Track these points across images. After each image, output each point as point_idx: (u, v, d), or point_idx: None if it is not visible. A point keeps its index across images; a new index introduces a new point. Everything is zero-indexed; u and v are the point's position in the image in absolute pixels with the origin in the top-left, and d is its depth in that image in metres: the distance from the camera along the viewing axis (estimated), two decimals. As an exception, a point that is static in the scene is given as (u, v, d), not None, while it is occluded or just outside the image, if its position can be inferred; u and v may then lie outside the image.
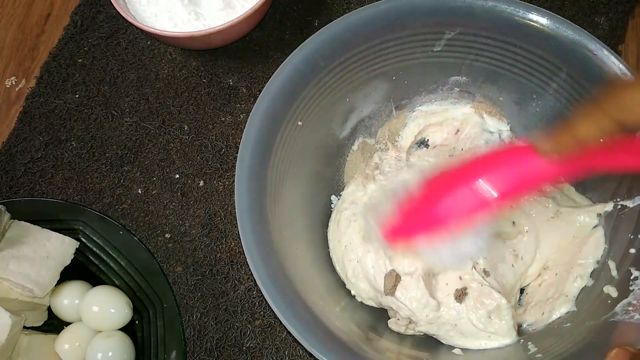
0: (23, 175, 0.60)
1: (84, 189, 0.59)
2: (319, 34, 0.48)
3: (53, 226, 0.54)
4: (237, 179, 0.44)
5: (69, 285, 0.53)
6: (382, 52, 0.50)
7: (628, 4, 0.64)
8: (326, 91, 0.50)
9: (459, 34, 0.49)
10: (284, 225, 0.46)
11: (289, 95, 0.47)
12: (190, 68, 0.64)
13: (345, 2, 0.66)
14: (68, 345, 0.51)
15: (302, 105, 0.48)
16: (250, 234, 0.43)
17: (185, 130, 0.61)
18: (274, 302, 0.40)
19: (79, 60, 0.65)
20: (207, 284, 0.55)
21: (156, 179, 0.60)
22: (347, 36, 0.48)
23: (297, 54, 0.48)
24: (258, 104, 0.46)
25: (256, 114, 0.46)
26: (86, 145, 0.61)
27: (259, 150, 0.45)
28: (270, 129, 0.46)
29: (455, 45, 0.50)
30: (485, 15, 0.48)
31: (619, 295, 0.43)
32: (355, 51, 0.49)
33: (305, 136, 0.50)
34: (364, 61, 0.50)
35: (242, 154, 0.45)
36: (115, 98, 0.63)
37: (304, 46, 0.48)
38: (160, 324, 0.52)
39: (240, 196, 0.44)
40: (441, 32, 0.50)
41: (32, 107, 0.63)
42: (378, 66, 0.51)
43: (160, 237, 0.57)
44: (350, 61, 0.50)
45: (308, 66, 0.48)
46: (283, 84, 0.47)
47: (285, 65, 0.47)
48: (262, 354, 0.53)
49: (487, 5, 0.48)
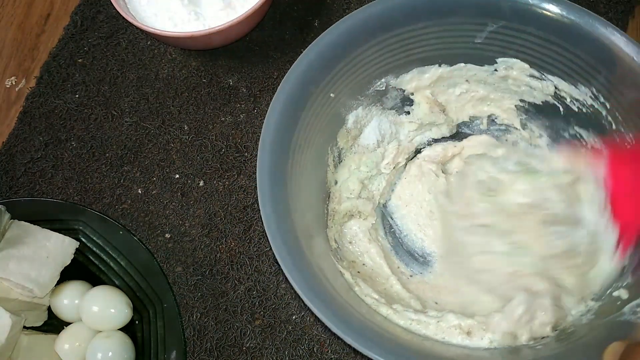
0: (23, 175, 0.60)
1: (84, 189, 0.59)
2: (362, 10, 0.48)
3: (53, 226, 0.54)
4: (261, 145, 0.45)
5: (69, 285, 0.53)
6: (423, 37, 0.50)
7: (628, 4, 0.64)
8: (363, 67, 0.50)
9: (501, 27, 0.49)
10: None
11: (325, 66, 0.48)
12: (190, 68, 0.64)
13: (345, 2, 0.66)
14: (68, 345, 0.51)
15: (337, 78, 0.49)
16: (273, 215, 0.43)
17: (185, 130, 0.61)
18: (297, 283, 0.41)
19: (79, 60, 0.65)
20: (207, 284, 0.55)
21: (156, 179, 0.60)
22: (390, 15, 0.49)
23: (341, 25, 0.48)
24: (293, 69, 0.47)
25: (289, 78, 0.47)
26: (86, 145, 0.61)
27: (287, 115, 0.46)
28: (301, 97, 0.47)
29: (497, 39, 0.50)
30: (528, 10, 0.48)
31: (629, 297, 0.43)
32: (396, 32, 0.49)
33: (336, 108, 0.51)
34: (404, 44, 0.50)
35: (269, 118, 0.45)
36: (115, 98, 0.63)
37: (348, 18, 0.48)
38: (160, 324, 0.52)
39: (262, 163, 0.44)
40: (484, 23, 0.49)
41: (32, 107, 0.63)
42: (417, 51, 0.51)
43: (160, 237, 0.57)
44: (390, 41, 0.50)
45: (347, 39, 0.48)
46: (321, 51, 0.48)
47: (323, 36, 0.48)
48: (262, 354, 0.53)
49: (530, 1, 0.48)
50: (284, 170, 0.45)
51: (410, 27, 0.49)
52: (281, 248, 0.42)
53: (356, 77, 0.51)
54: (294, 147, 0.47)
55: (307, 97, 0.48)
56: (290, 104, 0.47)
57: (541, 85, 0.52)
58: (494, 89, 0.55)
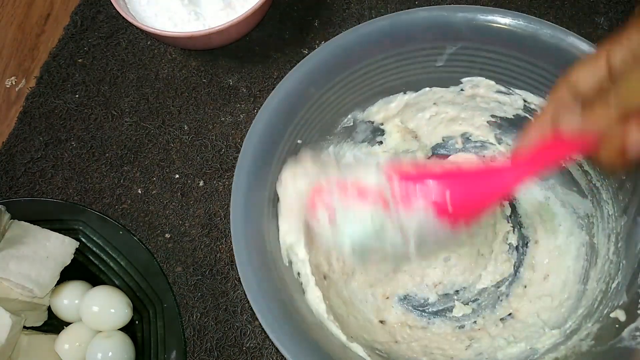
0: (23, 175, 0.60)
1: (84, 189, 0.59)
2: (316, 53, 0.48)
3: (53, 226, 0.54)
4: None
5: (69, 285, 0.53)
6: (383, 68, 0.50)
7: (628, 4, 0.64)
8: (327, 108, 0.49)
9: (461, 49, 0.49)
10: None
11: (287, 115, 0.47)
12: (190, 68, 0.64)
13: (345, 3, 0.66)
14: (68, 345, 0.51)
15: (302, 124, 0.48)
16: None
17: (185, 130, 0.61)
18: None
19: (79, 60, 0.65)
20: (207, 284, 0.55)
21: (156, 179, 0.60)
22: (346, 53, 0.48)
23: (296, 72, 0.47)
24: (254, 125, 0.46)
25: (253, 133, 0.46)
26: (86, 145, 0.61)
27: (256, 173, 0.45)
28: (269, 151, 0.46)
29: (459, 60, 0.50)
30: (486, 29, 0.47)
31: (627, 319, 0.42)
32: (355, 68, 0.49)
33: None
34: (365, 78, 0.50)
35: (239, 174, 0.45)
36: (115, 98, 0.63)
37: (303, 64, 0.47)
38: (160, 324, 0.52)
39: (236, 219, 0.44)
40: (442, 47, 0.49)
41: (32, 107, 0.63)
42: (380, 82, 0.51)
43: (160, 237, 0.57)
44: (350, 78, 0.49)
45: (307, 84, 0.47)
46: (280, 103, 0.47)
47: (282, 84, 0.47)
48: (262, 354, 0.53)
49: (486, 19, 0.47)
50: (260, 231, 0.45)
51: (368, 61, 0.49)
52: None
53: (322, 119, 0.50)
54: (269, 198, 0.46)
55: (273, 151, 0.46)
56: (260, 159, 0.45)
57: (510, 100, 0.51)
58: (463, 108, 0.54)
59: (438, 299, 0.54)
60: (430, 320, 0.53)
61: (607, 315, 0.44)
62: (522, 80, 0.49)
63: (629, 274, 0.44)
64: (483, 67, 0.50)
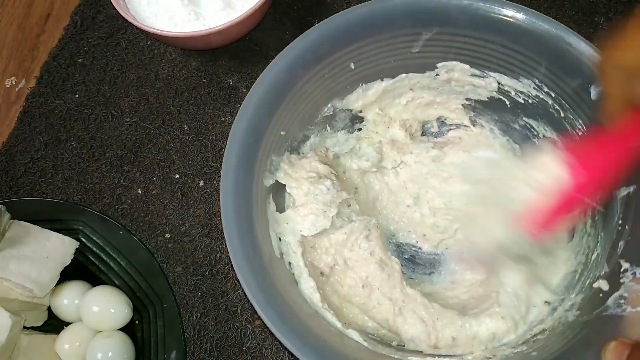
0: (23, 175, 0.60)
1: (84, 189, 0.59)
2: (296, 43, 0.48)
3: (53, 226, 0.54)
4: (223, 196, 0.45)
5: (69, 285, 0.53)
6: (360, 56, 0.51)
7: (628, 4, 0.64)
8: (307, 98, 0.50)
9: (436, 34, 0.50)
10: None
11: (269, 106, 0.48)
12: (190, 68, 0.64)
13: (346, 3, 0.66)
14: (68, 345, 0.51)
15: (284, 115, 0.49)
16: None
17: (185, 130, 0.61)
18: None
19: (79, 60, 0.65)
20: (207, 284, 0.55)
21: (156, 179, 0.60)
22: (324, 43, 0.49)
23: (276, 64, 0.48)
24: (239, 117, 0.47)
25: (238, 127, 0.47)
26: (86, 145, 0.61)
27: (243, 163, 0.46)
28: (253, 141, 0.47)
29: (434, 45, 0.51)
30: (460, 13, 0.48)
31: (610, 288, 0.43)
32: (333, 57, 0.50)
33: (290, 143, 0.51)
34: (343, 67, 0.51)
35: (226, 169, 0.45)
36: (115, 98, 0.63)
37: (282, 55, 0.48)
38: (160, 324, 0.52)
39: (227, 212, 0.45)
40: (418, 32, 0.50)
41: (32, 107, 0.63)
42: (358, 70, 0.52)
43: (160, 237, 0.57)
44: (329, 67, 0.50)
45: (287, 75, 0.48)
46: (262, 96, 0.48)
47: (264, 75, 0.48)
48: (262, 354, 0.53)
49: (461, 4, 0.48)
50: (250, 216, 0.45)
51: (345, 50, 0.50)
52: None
53: (303, 109, 0.51)
54: (258, 189, 0.47)
55: (258, 144, 0.47)
56: (245, 153, 0.47)
57: (484, 83, 0.52)
58: (439, 92, 0.55)
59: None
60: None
61: (590, 285, 0.45)
62: (496, 64, 0.51)
63: (608, 246, 0.45)
64: (458, 51, 0.51)
